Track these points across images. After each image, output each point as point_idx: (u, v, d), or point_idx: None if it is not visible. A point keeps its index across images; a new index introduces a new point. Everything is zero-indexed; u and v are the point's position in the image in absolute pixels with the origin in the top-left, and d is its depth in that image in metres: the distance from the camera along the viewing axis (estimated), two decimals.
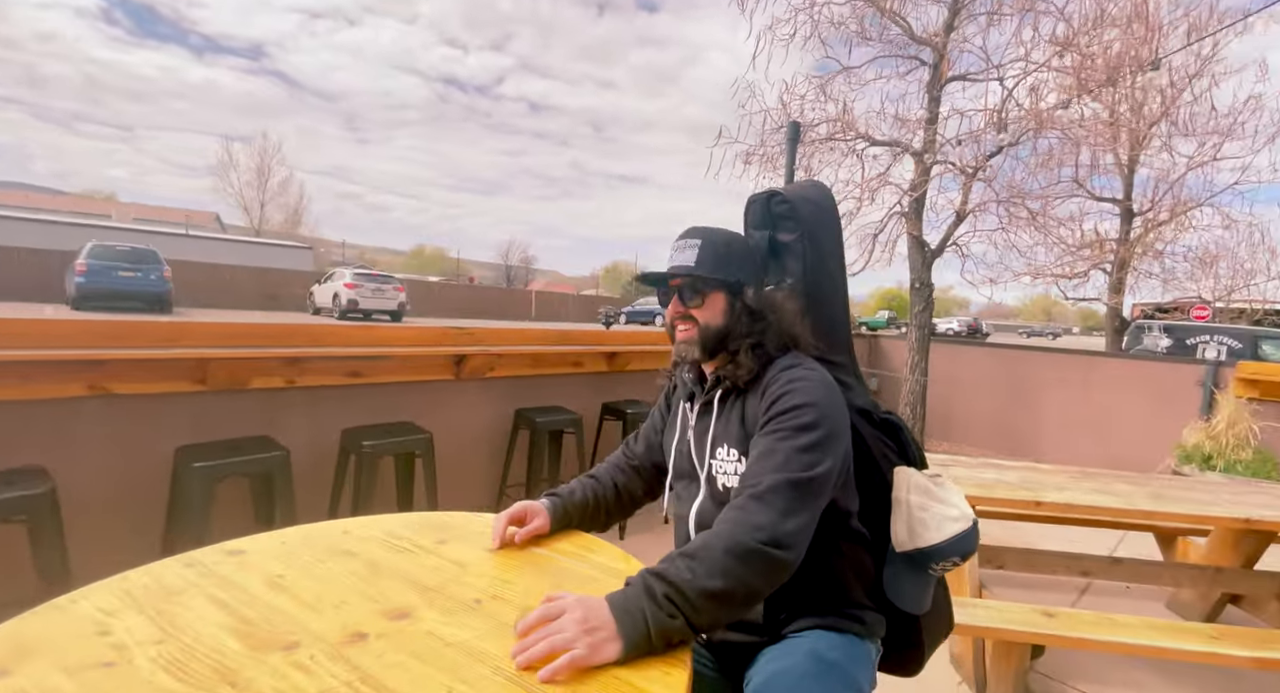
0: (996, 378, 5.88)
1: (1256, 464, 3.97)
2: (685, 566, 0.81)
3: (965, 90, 5.84)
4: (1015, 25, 5.59)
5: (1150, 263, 12.14)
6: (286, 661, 0.70)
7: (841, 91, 6.32)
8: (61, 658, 0.68)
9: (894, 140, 6.14)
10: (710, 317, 1.07)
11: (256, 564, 0.94)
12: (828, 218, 1.18)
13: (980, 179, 5.40)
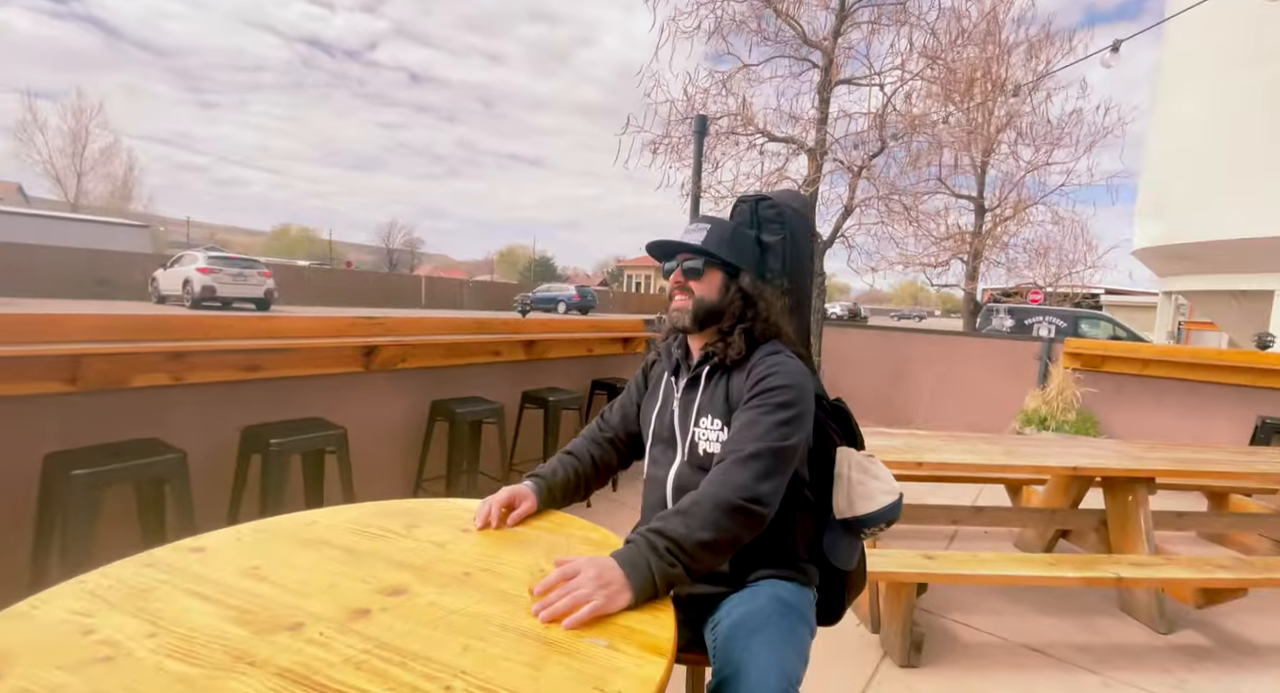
0: (877, 357, 6.59)
1: (1079, 424, 4.83)
2: (680, 522, 0.95)
3: (851, 93, 6.40)
4: (893, 37, 6.22)
5: (998, 253, 13.98)
6: (296, 638, 0.74)
7: (741, 87, 6.67)
8: (51, 657, 0.67)
9: (790, 138, 6.59)
10: (706, 292, 1.22)
11: (224, 559, 0.94)
12: (806, 224, 1.36)
13: (865, 178, 5.97)
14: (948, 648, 2.33)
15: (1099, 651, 2.35)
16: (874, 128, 5.86)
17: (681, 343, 1.30)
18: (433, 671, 0.69)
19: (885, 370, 6.48)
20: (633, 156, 6.92)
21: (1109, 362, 4.91)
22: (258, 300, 15.99)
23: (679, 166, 6.94)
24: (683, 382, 1.27)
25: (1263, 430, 3.93)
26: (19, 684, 0.62)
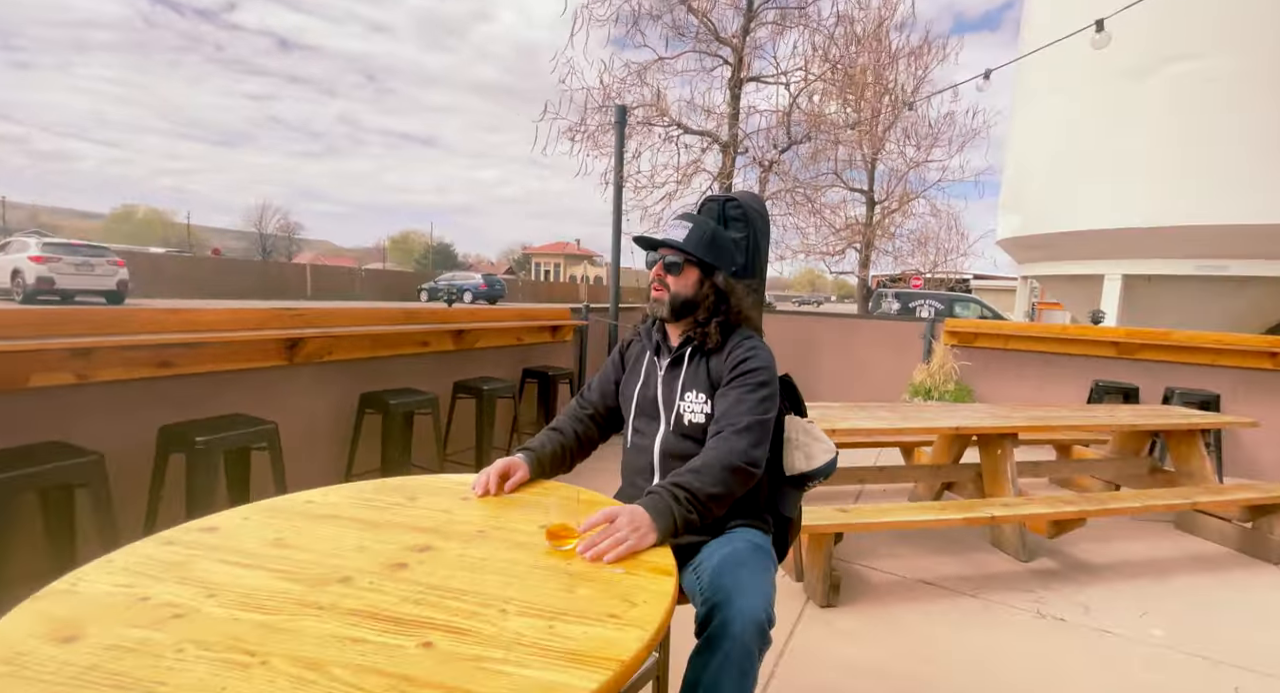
0: (786, 340, 7.13)
1: (957, 393, 5.55)
2: (695, 478, 1.17)
3: (759, 91, 6.81)
4: (796, 38, 6.69)
5: (886, 242, 15.34)
6: (351, 587, 0.83)
7: (655, 78, 6.88)
8: (121, 619, 0.72)
9: (706, 131, 6.91)
10: (682, 287, 1.39)
11: (244, 534, 0.99)
12: (765, 225, 1.56)
13: (775, 172, 6.41)
14: (859, 589, 2.70)
15: (977, 579, 2.83)
16: (782, 125, 6.29)
17: (660, 327, 1.47)
18: (484, 601, 0.81)
19: (793, 352, 7.03)
20: (550, 143, 6.94)
21: (979, 338, 5.67)
22: (109, 293, 14.11)
23: (596, 154, 7.05)
24: (665, 361, 1.44)
25: (1096, 392, 4.76)
26: (103, 641, 0.68)
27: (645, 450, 1.42)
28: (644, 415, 1.46)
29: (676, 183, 6.62)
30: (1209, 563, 3.11)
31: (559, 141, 7.09)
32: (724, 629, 1.08)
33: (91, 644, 0.68)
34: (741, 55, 6.77)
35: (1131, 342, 4.87)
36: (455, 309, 4.39)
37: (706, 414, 1.35)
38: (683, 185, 6.89)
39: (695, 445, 1.35)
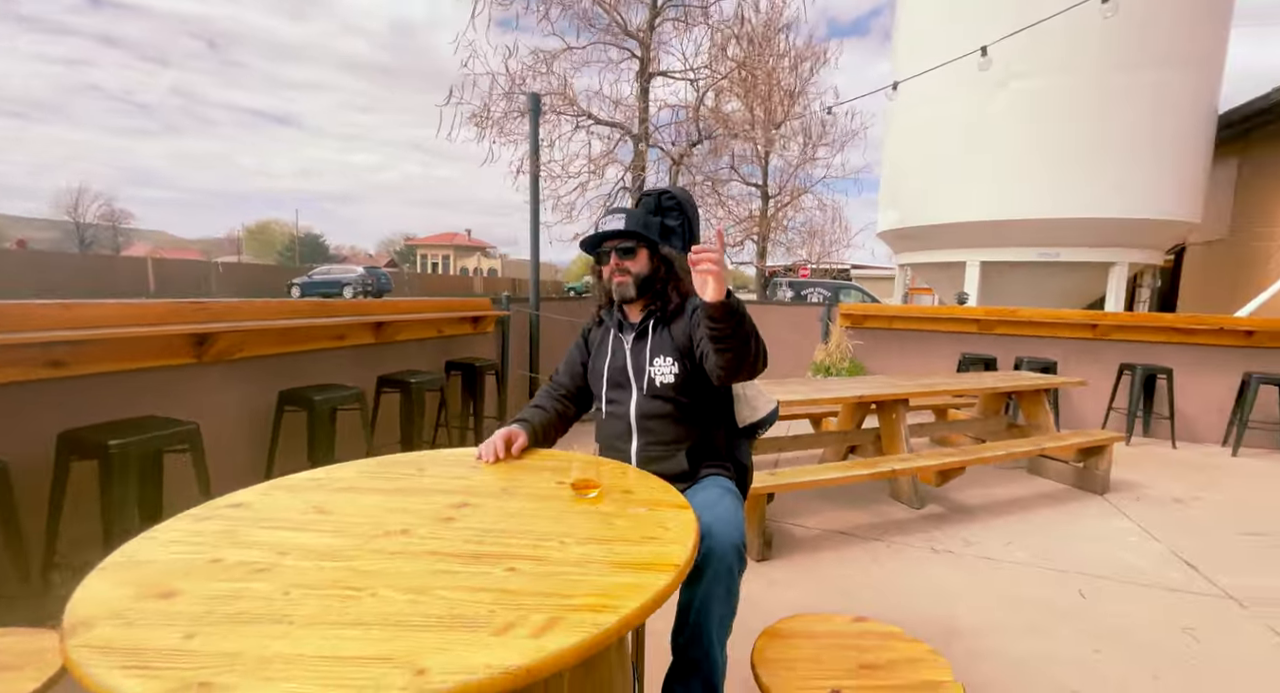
0: None
1: (852, 369, 6.20)
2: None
3: (668, 86, 7.06)
4: (698, 35, 7.00)
5: (779, 234, 16.42)
6: (413, 536, 0.92)
7: (564, 68, 6.90)
8: (209, 576, 0.77)
9: (618, 123, 7.05)
10: (640, 267, 1.56)
11: (277, 506, 1.03)
12: (696, 212, 1.74)
13: (685, 165, 6.70)
14: (788, 543, 3.03)
15: (883, 526, 3.27)
16: (691, 120, 6.59)
17: (619, 308, 1.62)
18: (540, 537, 0.94)
19: None
20: (455, 129, 6.75)
21: (868, 320, 6.36)
22: None
23: (501, 142, 6.96)
24: (631, 336, 1.60)
25: (963, 362, 5.54)
26: (204, 593, 0.73)
27: (621, 416, 1.58)
28: (616, 386, 1.61)
29: (590, 173, 6.72)
30: (1053, 497, 3.81)
31: (463, 127, 6.93)
32: (708, 557, 1.27)
33: (193, 597, 0.72)
34: (649, 49, 6.97)
35: (989, 319, 5.72)
36: (374, 301, 4.23)
37: (675, 374, 1.53)
38: (596, 175, 7.01)
39: (666, 404, 1.53)
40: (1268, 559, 2.95)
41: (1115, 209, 5.98)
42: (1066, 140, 6.00)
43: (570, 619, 0.71)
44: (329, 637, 0.68)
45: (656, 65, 6.77)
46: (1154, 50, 5.72)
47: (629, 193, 7.06)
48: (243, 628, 0.69)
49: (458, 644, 0.66)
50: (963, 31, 6.41)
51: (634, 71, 7.12)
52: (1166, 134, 5.98)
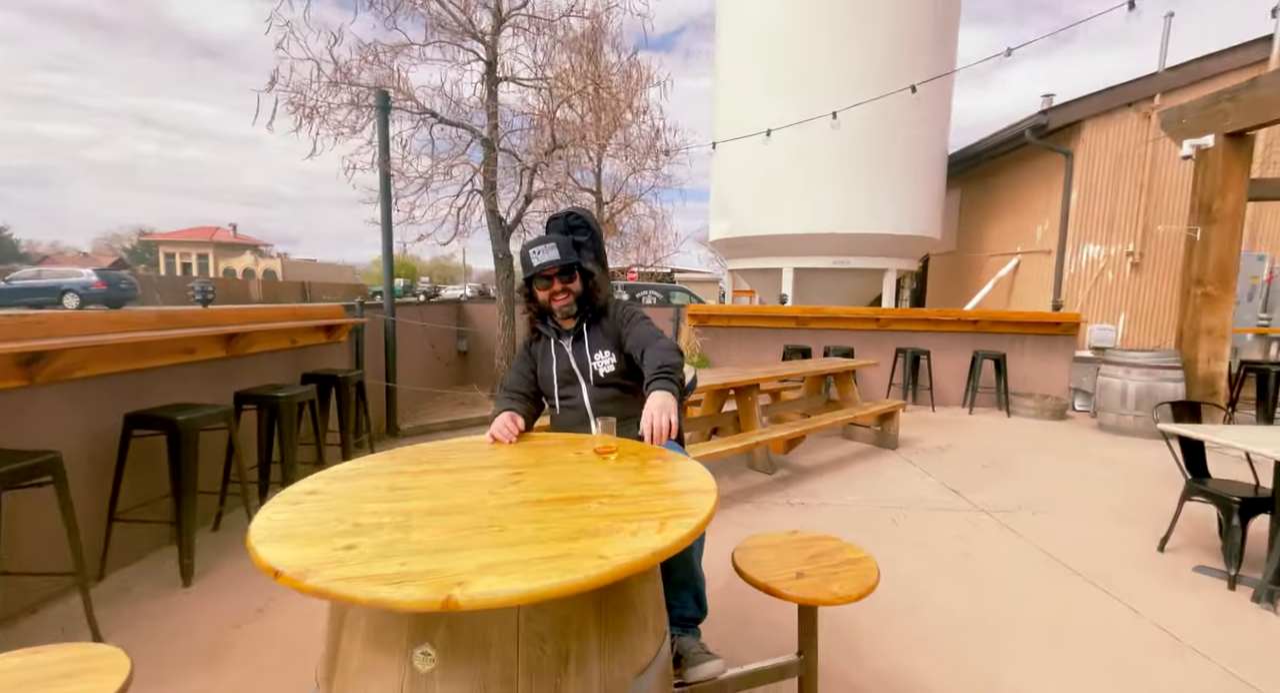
0: None
1: (700, 363, 7.01)
2: (666, 363, 1.65)
3: (520, 92, 7.22)
4: (544, 44, 7.26)
5: (614, 239, 17.27)
6: (497, 496, 1.16)
7: (400, 63, 6.63)
8: (367, 532, 0.95)
9: (462, 123, 7.02)
10: (576, 286, 1.89)
11: (355, 489, 1.18)
12: (599, 229, 2.08)
13: (540, 176, 6.94)
14: None
15: (748, 491, 3.95)
16: (542, 127, 6.85)
17: (552, 321, 1.94)
18: (599, 486, 1.23)
19: None
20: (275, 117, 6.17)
21: (712, 318, 7.25)
22: None
23: (327, 132, 6.51)
24: (570, 340, 1.93)
25: (787, 352, 6.63)
26: (380, 538, 0.92)
27: (576, 407, 1.90)
28: (567, 384, 1.92)
29: (442, 174, 6.64)
30: (863, 455, 4.87)
31: (281, 115, 6.38)
32: None
33: (373, 544, 0.91)
34: (495, 52, 7.08)
35: (805, 316, 6.93)
36: (223, 309, 3.83)
37: (614, 364, 1.88)
38: (445, 176, 6.92)
39: (613, 389, 1.89)
40: (999, 482, 4.20)
41: (888, 227, 7.68)
42: (854, 170, 7.56)
43: (670, 522, 1.04)
44: (511, 551, 0.92)
45: (507, 70, 6.91)
46: (907, 107, 7.45)
47: (481, 196, 7.08)
48: (441, 555, 0.90)
49: (610, 543, 0.96)
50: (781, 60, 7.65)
51: (479, 73, 7.16)
52: (920, 170, 7.84)
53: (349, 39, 6.50)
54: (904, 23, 7.51)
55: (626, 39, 11.10)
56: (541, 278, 1.86)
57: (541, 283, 1.88)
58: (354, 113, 6.42)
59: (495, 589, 0.82)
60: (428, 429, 5.83)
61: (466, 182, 7.29)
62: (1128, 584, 2.70)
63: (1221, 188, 5.31)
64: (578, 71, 7.45)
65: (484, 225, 7.32)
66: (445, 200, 7.30)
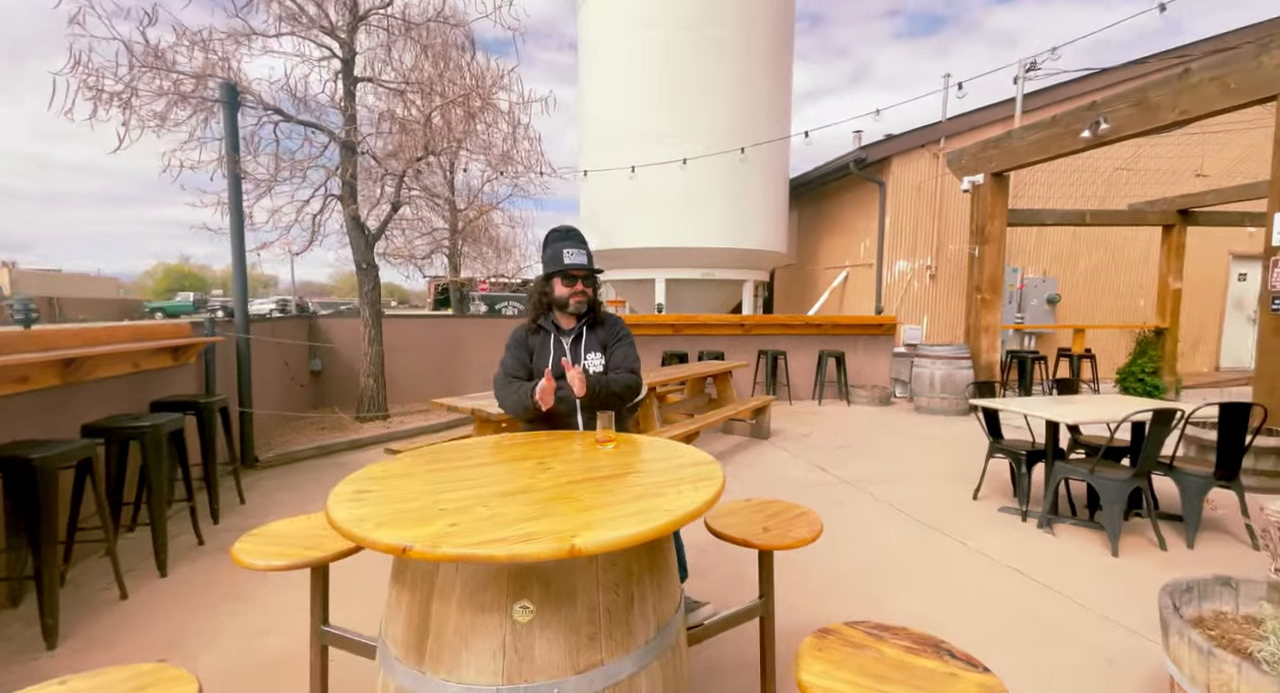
0: (434, 341, 7.59)
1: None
2: (624, 383, 1.96)
3: (378, 91, 6.94)
4: (405, 47, 7.07)
5: (472, 248, 16.90)
6: (547, 478, 1.36)
7: (234, 51, 6.05)
8: (455, 505, 1.12)
9: (314, 123, 6.59)
10: (590, 292, 2.11)
11: (408, 484, 1.30)
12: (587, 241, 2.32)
13: (409, 184, 6.74)
14: None
15: None
16: (412, 131, 6.67)
17: (553, 317, 2.15)
18: (623, 467, 1.48)
19: (443, 351, 7.56)
20: (73, 101, 5.34)
21: None
22: None
23: (142, 126, 5.75)
24: (570, 338, 2.14)
25: (665, 358, 7.17)
26: (475, 514, 1.10)
27: (566, 399, 2.10)
28: (559, 377, 2.12)
29: (298, 177, 6.18)
30: (744, 446, 5.50)
31: (78, 99, 5.57)
32: None
33: (472, 521, 1.09)
34: (353, 51, 6.80)
35: (680, 323, 7.54)
36: (55, 330, 3.28)
37: (601, 364, 2.15)
38: (299, 180, 6.43)
39: None
40: (853, 459, 5.04)
41: (745, 242, 8.65)
42: (715, 190, 8.41)
43: (700, 484, 1.32)
44: (597, 513, 1.14)
45: (373, 72, 6.65)
46: (758, 139, 8.50)
47: (340, 202, 6.68)
48: (542, 520, 1.08)
49: (668, 501, 1.21)
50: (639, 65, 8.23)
51: (335, 71, 6.78)
52: (770, 192, 8.95)
53: (168, 20, 5.82)
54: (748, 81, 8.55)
55: (496, 49, 11.06)
56: (568, 276, 2.08)
57: (567, 280, 2.09)
58: (181, 105, 5.74)
59: (606, 536, 1.05)
60: (294, 458, 5.39)
61: (319, 186, 6.84)
62: (956, 526, 3.50)
63: (990, 215, 6.89)
64: (444, 76, 7.36)
65: (341, 232, 6.92)
66: (292, 204, 6.78)
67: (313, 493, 4.29)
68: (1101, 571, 2.93)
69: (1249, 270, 9.89)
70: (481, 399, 4.02)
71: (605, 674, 1.16)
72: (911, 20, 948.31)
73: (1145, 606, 2.54)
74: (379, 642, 1.28)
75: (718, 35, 8.22)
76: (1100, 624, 2.43)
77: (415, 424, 6.46)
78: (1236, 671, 1.40)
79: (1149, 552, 3.14)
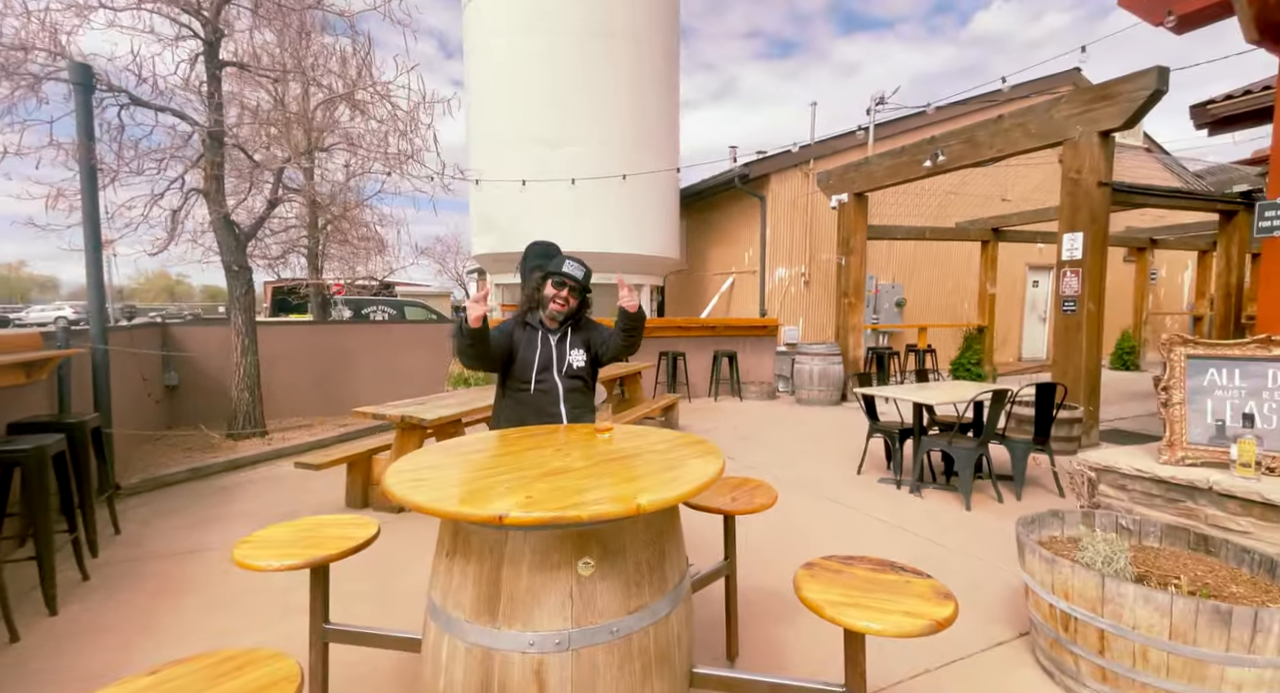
0: (316, 351, 7.14)
1: (487, 378, 7.22)
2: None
3: (242, 76, 6.41)
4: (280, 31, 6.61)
5: (337, 248, 15.79)
6: (573, 462, 1.58)
7: (63, 21, 5.36)
8: (510, 471, 1.33)
9: (170, 108, 5.99)
10: (574, 305, 2.31)
11: (459, 476, 1.47)
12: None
13: (287, 178, 6.33)
14: None
15: None
16: (292, 123, 6.27)
17: (540, 315, 2.35)
18: (634, 450, 1.74)
19: (326, 362, 7.12)
20: None
21: None
22: None
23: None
24: (556, 336, 2.35)
25: None
26: (545, 488, 1.33)
27: (550, 390, 2.31)
28: (544, 370, 2.32)
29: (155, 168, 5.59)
30: None
31: None
32: None
33: (541, 496, 1.31)
34: (219, 32, 6.30)
35: None
36: None
37: (584, 360, 2.37)
38: (157, 172, 5.79)
39: (579, 381, 2.37)
40: (755, 449, 5.63)
41: (645, 249, 9.10)
42: (611, 202, 8.77)
43: (706, 457, 1.62)
44: (642, 481, 1.39)
45: (245, 56, 6.17)
46: (652, 151, 9.00)
47: (204, 197, 6.11)
48: (599, 490, 1.31)
49: (690, 470, 1.50)
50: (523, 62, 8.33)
51: (193, 54, 6.20)
52: (664, 202, 9.48)
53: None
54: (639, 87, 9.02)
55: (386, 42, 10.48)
56: (560, 281, 2.28)
57: (556, 283, 2.28)
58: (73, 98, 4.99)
59: (660, 495, 1.31)
60: (164, 482, 4.90)
61: (176, 179, 6.22)
62: (848, 496, 4.14)
63: (854, 229, 7.94)
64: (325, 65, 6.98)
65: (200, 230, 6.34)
66: (142, 199, 6.12)
67: (198, 519, 3.99)
68: (959, 521, 3.66)
69: (1040, 279, 12.22)
70: (410, 406, 4.00)
71: (649, 613, 1.43)
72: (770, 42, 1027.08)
73: (993, 544, 3.26)
74: (437, 613, 1.43)
75: (607, 45, 8.61)
76: (965, 560, 3.09)
77: (301, 440, 6.07)
78: (1070, 571, 1.98)
79: (991, 505, 3.96)
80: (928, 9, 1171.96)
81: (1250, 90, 4.78)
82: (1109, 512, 2.45)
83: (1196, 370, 2.50)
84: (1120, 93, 5.04)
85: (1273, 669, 1.73)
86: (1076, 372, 5.41)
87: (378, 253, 16.50)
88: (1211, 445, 2.41)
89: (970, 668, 2.19)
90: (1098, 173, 5.29)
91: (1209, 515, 2.29)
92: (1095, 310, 5.43)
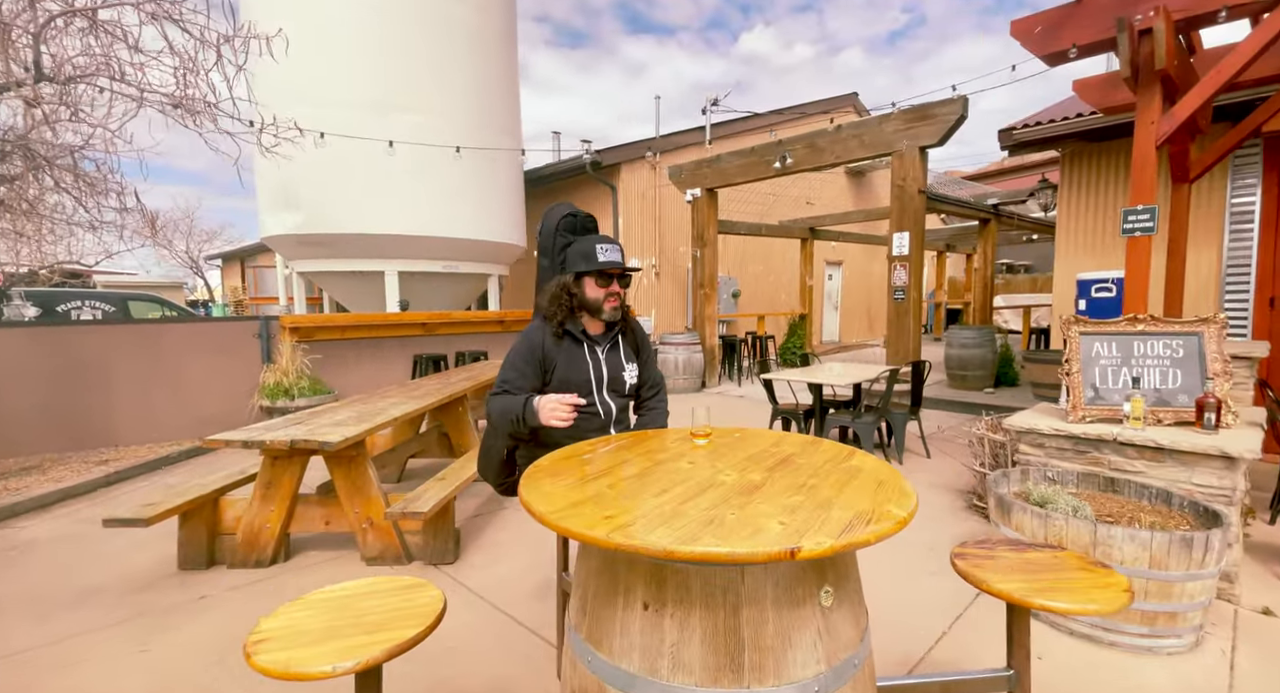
0: (40, 365, 5.30)
1: (314, 386, 6.09)
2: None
3: None
4: None
5: (11, 221, 12.04)
6: (724, 474, 1.38)
7: None
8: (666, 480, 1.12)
9: None
10: (625, 293, 1.94)
11: (601, 502, 1.17)
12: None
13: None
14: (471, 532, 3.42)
15: (485, 499, 4.06)
16: None
17: (577, 322, 1.95)
18: (773, 457, 1.57)
19: (58, 379, 5.33)
20: None
21: (320, 332, 6.38)
22: None
23: None
24: (605, 347, 1.98)
25: (419, 362, 6.57)
26: (699, 504, 1.13)
27: (596, 415, 1.94)
28: (596, 390, 1.94)
29: None
30: None
31: None
32: None
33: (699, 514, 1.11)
34: None
35: (433, 322, 6.98)
36: None
37: (637, 376, 2.04)
38: None
39: (628, 399, 2.05)
40: None
41: (488, 234, 8.41)
42: (451, 180, 7.93)
43: (851, 457, 1.55)
44: (834, 504, 1.26)
45: None
46: (496, 124, 8.40)
47: None
48: (800, 511, 1.15)
49: (866, 478, 1.41)
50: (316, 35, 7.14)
51: None
52: (508, 186, 8.87)
53: None
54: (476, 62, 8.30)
55: None
56: (604, 275, 1.88)
57: (603, 280, 1.89)
58: None
59: (901, 504, 1.20)
60: None
61: None
62: None
63: (706, 223, 8.38)
64: None
65: None
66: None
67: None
68: None
69: (834, 273, 14.30)
70: (289, 428, 3.12)
71: (868, 641, 1.30)
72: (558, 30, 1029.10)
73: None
74: (639, 684, 1.13)
75: (444, 10, 7.78)
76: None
77: (39, 491, 4.32)
78: (1064, 522, 2.31)
79: None
80: (703, 23, 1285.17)
81: (1054, 119, 5.98)
82: (1041, 467, 2.92)
83: (1086, 345, 3.10)
84: (937, 115, 6.05)
85: (1212, 578, 2.22)
86: (906, 350, 6.40)
87: (68, 230, 12.98)
88: (1095, 405, 3.01)
89: (974, 618, 2.44)
90: (918, 182, 6.29)
91: (1111, 462, 2.86)
92: (917, 297, 6.48)
